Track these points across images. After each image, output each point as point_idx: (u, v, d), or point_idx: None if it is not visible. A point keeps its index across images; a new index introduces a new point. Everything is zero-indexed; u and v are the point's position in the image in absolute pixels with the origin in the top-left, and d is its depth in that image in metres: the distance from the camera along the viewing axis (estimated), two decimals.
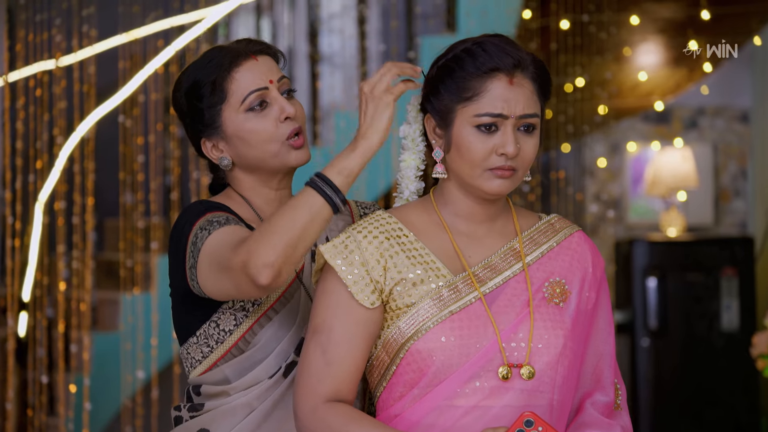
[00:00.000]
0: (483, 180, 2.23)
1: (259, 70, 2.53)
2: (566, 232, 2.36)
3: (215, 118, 2.53)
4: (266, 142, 2.51)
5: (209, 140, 2.56)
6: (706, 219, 8.38)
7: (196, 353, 2.54)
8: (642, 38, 6.67)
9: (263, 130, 2.51)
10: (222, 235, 2.35)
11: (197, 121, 2.56)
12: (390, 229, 2.27)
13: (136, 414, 5.69)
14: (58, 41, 5.62)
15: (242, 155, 2.54)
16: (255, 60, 2.54)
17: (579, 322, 2.29)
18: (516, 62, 2.23)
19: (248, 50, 2.55)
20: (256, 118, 2.51)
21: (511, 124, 2.22)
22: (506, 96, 2.21)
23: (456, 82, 2.23)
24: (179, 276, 2.49)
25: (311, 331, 2.25)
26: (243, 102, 2.51)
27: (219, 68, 2.51)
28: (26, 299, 5.47)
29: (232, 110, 2.52)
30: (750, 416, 7.28)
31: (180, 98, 2.58)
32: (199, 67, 2.55)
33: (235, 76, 2.51)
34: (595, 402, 2.32)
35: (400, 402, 2.22)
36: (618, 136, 8.37)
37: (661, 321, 7.30)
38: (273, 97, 2.52)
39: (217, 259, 2.32)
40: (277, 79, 2.54)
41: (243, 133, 2.52)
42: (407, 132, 2.36)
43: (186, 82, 2.56)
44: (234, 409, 2.48)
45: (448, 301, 2.22)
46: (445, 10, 6.16)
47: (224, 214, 2.44)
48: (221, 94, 2.51)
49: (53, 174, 5.58)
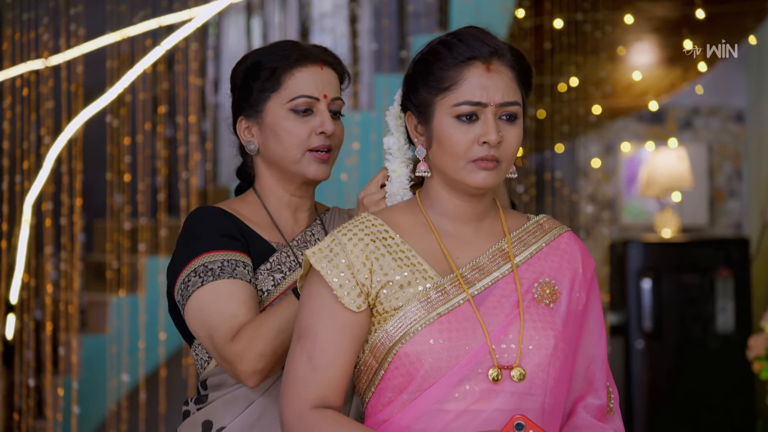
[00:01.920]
0: (467, 173, 2.20)
1: (319, 79, 2.58)
2: (555, 232, 2.33)
3: (261, 102, 2.58)
4: (294, 145, 2.56)
5: (246, 120, 2.62)
6: (701, 220, 8.37)
7: (203, 354, 2.57)
8: (636, 37, 6.65)
9: (297, 134, 2.56)
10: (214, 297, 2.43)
11: (244, 99, 2.61)
12: (375, 231, 2.24)
13: (122, 419, 5.64)
14: (45, 40, 5.57)
15: (269, 147, 2.59)
16: (320, 68, 2.59)
17: (569, 324, 2.25)
18: (493, 50, 2.21)
19: (319, 57, 2.60)
20: (295, 120, 2.56)
21: (492, 113, 2.19)
22: (484, 84, 2.19)
23: (433, 74, 2.22)
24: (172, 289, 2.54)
25: (296, 336, 2.21)
26: (291, 101, 2.56)
27: (284, 59, 2.57)
28: (14, 301, 5.43)
29: (278, 103, 2.57)
30: (745, 419, 7.26)
31: (239, 71, 2.63)
32: (268, 52, 2.61)
33: (296, 73, 2.56)
34: (588, 405, 2.28)
35: (388, 407, 2.18)
36: (612, 137, 8.36)
37: (656, 323, 7.28)
38: (320, 110, 2.58)
39: (207, 328, 2.43)
40: (332, 97, 2.59)
41: (278, 129, 2.57)
42: (391, 143, 2.37)
43: (252, 59, 2.62)
44: (235, 399, 2.51)
45: (436, 303, 2.18)
46: (438, 9, 6.14)
47: (222, 255, 2.47)
48: (276, 84, 2.57)
49: (41, 175, 5.53)
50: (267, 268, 2.54)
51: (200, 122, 6.38)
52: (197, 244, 2.49)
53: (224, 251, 2.48)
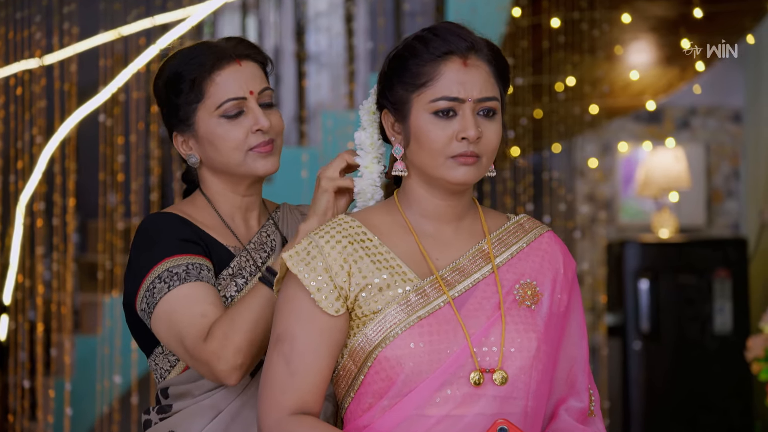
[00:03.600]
0: (446, 169, 2.16)
1: (241, 77, 2.50)
2: (536, 232, 2.29)
3: (190, 115, 2.50)
4: (233, 150, 2.49)
5: (181, 135, 2.54)
6: (699, 220, 8.36)
7: (164, 363, 2.50)
8: (634, 37, 6.63)
9: (233, 138, 2.48)
10: (182, 300, 2.37)
11: (172, 115, 2.53)
12: (353, 233, 2.19)
13: (113, 420, 5.61)
14: (38, 39, 5.55)
15: (210, 157, 2.52)
16: (239, 65, 2.50)
17: (551, 325, 2.22)
18: (469, 44, 2.17)
19: (235, 53, 2.50)
20: (228, 124, 2.48)
21: (470, 108, 2.15)
22: (461, 79, 2.15)
23: (409, 70, 2.18)
24: (132, 299, 2.46)
25: (273, 341, 2.18)
26: (219, 107, 2.48)
27: (201, 67, 2.48)
28: (7, 302, 5.41)
29: (206, 112, 2.49)
30: (743, 420, 7.24)
31: (160, 86, 2.55)
32: (183, 61, 2.51)
33: (216, 79, 2.48)
34: (570, 408, 2.25)
35: (368, 413, 2.15)
36: (609, 136, 8.34)
37: (653, 324, 7.26)
38: (250, 108, 2.49)
39: (177, 332, 2.37)
40: (258, 91, 2.51)
41: (213, 137, 2.49)
42: (363, 138, 2.32)
43: (168, 72, 2.53)
44: (201, 409, 2.45)
45: (416, 306, 2.14)
46: (434, 8, 6.12)
47: (185, 259, 2.42)
48: (199, 94, 2.48)
49: (35, 175, 5.51)
50: (229, 274, 2.48)
51: None
52: (157, 249, 2.43)
53: (187, 255, 2.43)
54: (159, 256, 2.42)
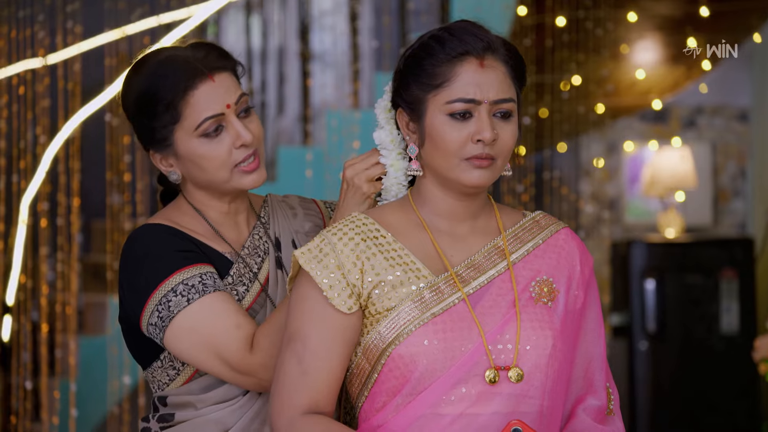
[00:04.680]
0: (461, 171, 2.14)
1: (216, 93, 2.38)
2: (552, 229, 2.27)
3: (167, 136, 2.40)
4: (218, 168, 2.39)
5: (159, 153, 2.44)
6: (705, 220, 8.34)
7: (162, 377, 2.44)
8: (639, 35, 6.61)
9: (216, 157, 2.39)
10: (207, 313, 2.31)
11: (148, 135, 2.43)
12: (366, 230, 2.17)
13: (123, 421, 5.59)
14: (41, 38, 5.52)
15: (193, 175, 2.43)
16: (212, 81, 2.38)
17: (568, 323, 2.19)
18: (486, 45, 2.15)
19: (205, 67, 2.38)
20: (210, 143, 2.38)
21: (486, 110, 2.13)
22: (478, 80, 2.13)
23: (425, 70, 2.15)
24: (134, 314, 2.37)
25: (286, 340, 2.15)
26: (197, 128, 2.37)
27: (174, 88, 2.36)
28: (10, 303, 5.39)
29: (185, 133, 2.38)
30: (750, 421, 7.23)
31: (129, 104, 2.43)
32: (153, 81, 2.39)
33: (190, 100, 2.36)
34: (588, 407, 2.22)
35: (382, 412, 2.12)
36: (615, 136, 8.32)
37: (660, 324, 7.24)
38: (229, 122, 2.39)
39: (211, 347, 2.30)
40: (234, 101, 2.40)
41: (195, 157, 2.39)
42: (383, 136, 2.29)
43: (138, 91, 2.41)
44: (207, 423, 2.39)
45: (430, 303, 2.12)
46: (439, 7, 6.10)
47: (196, 270, 2.34)
48: (175, 116, 2.37)
49: (38, 174, 5.48)
50: (229, 283, 2.41)
51: None
52: (161, 265, 2.34)
53: (195, 265, 2.35)
54: (166, 271, 2.33)
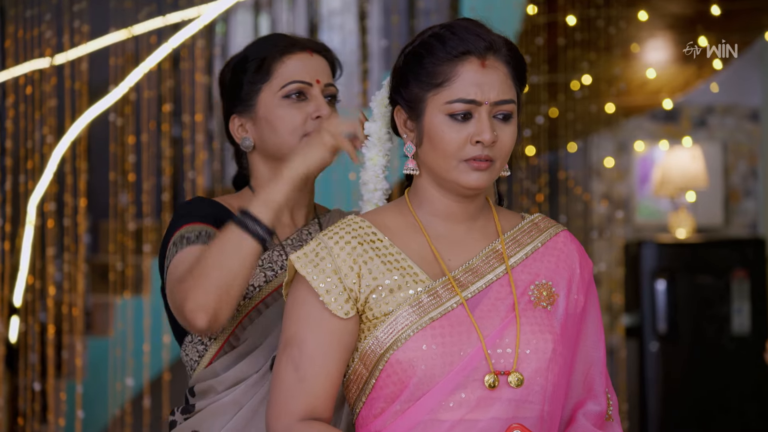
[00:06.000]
0: (459, 173, 2.11)
1: (310, 65, 2.52)
2: (551, 231, 2.24)
3: (252, 95, 2.52)
4: (290, 132, 2.49)
5: (239, 117, 2.55)
6: (716, 220, 8.32)
7: (192, 353, 2.50)
8: (650, 34, 6.58)
9: (291, 121, 2.48)
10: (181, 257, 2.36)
11: (234, 95, 2.55)
12: (363, 233, 2.15)
13: (126, 423, 5.57)
14: (48, 37, 5.51)
15: (265, 139, 2.52)
16: (310, 55, 2.53)
17: (568, 327, 2.16)
18: (488, 44, 2.12)
19: (307, 45, 2.54)
20: (290, 107, 2.49)
21: (486, 111, 2.10)
22: (479, 81, 2.10)
23: (425, 68, 2.12)
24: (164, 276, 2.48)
25: (282, 346, 2.13)
26: (283, 87, 2.49)
27: (272, 48, 2.52)
28: (17, 304, 5.37)
29: (270, 92, 2.50)
30: (760, 422, 7.23)
31: (227, 71, 2.58)
32: (255, 45, 2.57)
33: (286, 60, 2.50)
34: (588, 412, 2.20)
35: (380, 418, 2.10)
36: (625, 135, 8.30)
37: (671, 324, 7.23)
38: (314, 95, 2.50)
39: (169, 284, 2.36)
40: (324, 83, 2.52)
41: (272, 118, 2.50)
42: (372, 129, 2.27)
43: (237, 56, 2.57)
44: (223, 407, 2.44)
45: (428, 308, 2.09)
46: (448, 5, 6.08)
47: (201, 227, 2.41)
48: (266, 74, 2.51)
49: (45, 175, 5.47)
50: (258, 265, 2.46)
51: (207, 121, 6.31)
52: (177, 221, 2.43)
53: (203, 224, 2.41)
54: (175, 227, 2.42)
